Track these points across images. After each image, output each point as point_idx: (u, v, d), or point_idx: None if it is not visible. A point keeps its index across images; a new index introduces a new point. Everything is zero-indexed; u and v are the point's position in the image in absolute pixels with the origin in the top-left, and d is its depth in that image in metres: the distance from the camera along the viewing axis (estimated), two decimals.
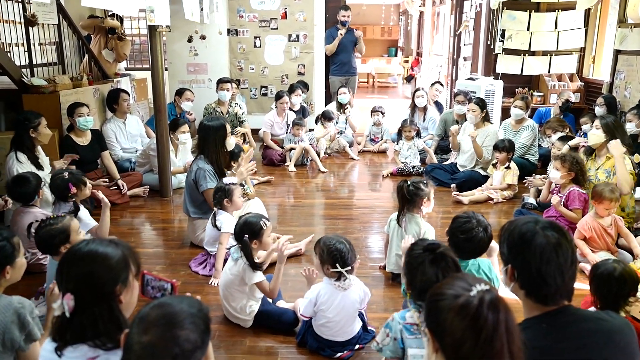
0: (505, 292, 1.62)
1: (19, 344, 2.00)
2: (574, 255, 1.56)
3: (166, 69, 6.65)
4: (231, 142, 4.07)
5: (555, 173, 4.08)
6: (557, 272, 1.51)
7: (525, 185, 5.02)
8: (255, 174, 5.74)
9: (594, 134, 4.18)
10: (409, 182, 3.27)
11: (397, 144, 6.35)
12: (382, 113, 7.20)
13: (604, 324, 1.55)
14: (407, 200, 3.26)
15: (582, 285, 3.24)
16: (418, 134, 6.35)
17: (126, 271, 1.59)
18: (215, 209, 3.52)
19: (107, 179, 5.03)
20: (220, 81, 6.63)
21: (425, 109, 6.97)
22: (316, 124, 7.05)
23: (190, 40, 7.55)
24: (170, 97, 6.87)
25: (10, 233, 2.19)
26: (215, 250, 3.49)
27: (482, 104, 5.48)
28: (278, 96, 6.76)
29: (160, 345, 1.22)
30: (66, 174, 3.45)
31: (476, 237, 2.53)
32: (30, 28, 5.29)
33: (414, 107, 6.98)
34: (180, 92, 6.58)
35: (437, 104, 7.34)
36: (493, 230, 4.17)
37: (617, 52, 6.32)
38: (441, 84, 7.54)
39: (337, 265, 2.51)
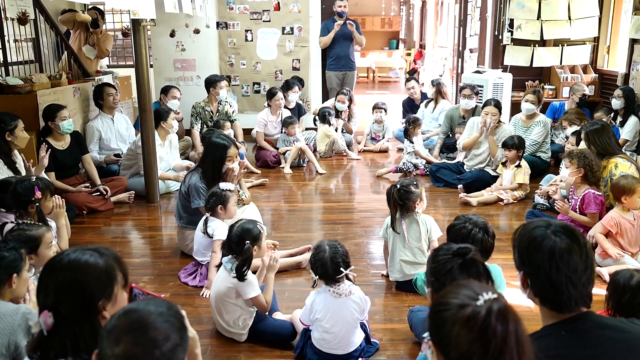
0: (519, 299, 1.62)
1: (21, 350, 2.02)
2: (588, 260, 1.56)
3: (151, 66, 6.66)
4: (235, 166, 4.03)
5: (565, 171, 4.10)
6: (568, 280, 1.52)
7: (537, 193, 4.96)
8: (248, 175, 5.75)
9: (584, 147, 4.26)
10: (398, 186, 3.30)
11: (409, 141, 6.15)
12: (385, 110, 7.20)
13: (628, 331, 1.56)
14: (400, 204, 3.28)
15: (600, 291, 3.25)
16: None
17: (111, 284, 1.58)
18: (206, 214, 3.51)
19: (89, 185, 5.02)
20: (215, 81, 6.56)
21: (438, 100, 7.12)
22: (315, 123, 7.03)
23: (172, 35, 7.55)
24: (156, 96, 6.87)
25: (18, 244, 2.35)
26: (207, 259, 3.48)
27: (500, 106, 5.48)
28: (271, 94, 6.72)
29: (137, 352, 1.21)
30: (34, 177, 3.43)
31: (476, 240, 2.56)
32: (4, 24, 5.29)
33: (431, 99, 7.22)
34: (166, 90, 6.57)
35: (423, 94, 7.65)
36: (504, 234, 4.25)
37: (633, 42, 6.33)
38: (416, 80, 7.93)
39: (318, 275, 2.58)
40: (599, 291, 3.23)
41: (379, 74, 16.13)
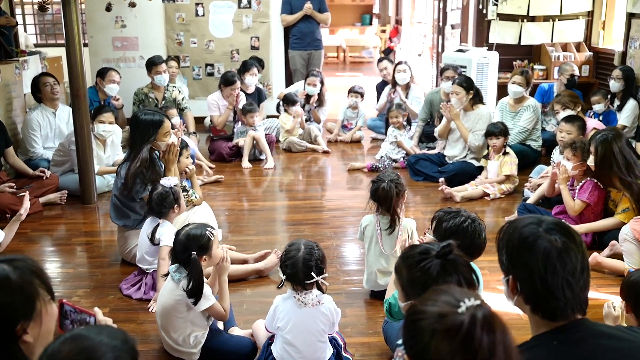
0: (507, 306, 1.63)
1: None
2: (585, 261, 1.58)
3: (85, 45, 6.52)
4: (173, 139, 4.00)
5: (567, 164, 4.13)
6: (565, 283, 1.53)
7: (526, 187, 5.01)
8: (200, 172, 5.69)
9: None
10: (390, 181, 3.30)
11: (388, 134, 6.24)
12: (362, 95, 7.20)
13: (627, 340, 1.58)
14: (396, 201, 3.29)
15: (597, 295, 3.32)
16: (409, 121, 6.34)
17: (30, 301, 1.52)
18: (159, 220, 3.46)
19: (13, 184, 4.89)
20: (153, 63, 6.45)
21: (407, 86, 7.04)
22: (278, 111, 6.99)
23: (108, 9, 7.38)
24: (92, 80, 6.73)
25: None
26: (152, 267, 3.45)
27: (467, 83, 5.46)
28: (228, 81, 6.52)
29: None
30: None
31: (479, 234, 2.74)
32: None
33: (394, 84, 7.07)
34: (103, 73, 6.44)
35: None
36: (490, 233, 4.26)
37: (631, 16, 6.47)
38: (390, 60, 7.84)
39: (285, 276, 2.58)
40: (595, 295, 3.32)
41: (350, 54, 16.15)
